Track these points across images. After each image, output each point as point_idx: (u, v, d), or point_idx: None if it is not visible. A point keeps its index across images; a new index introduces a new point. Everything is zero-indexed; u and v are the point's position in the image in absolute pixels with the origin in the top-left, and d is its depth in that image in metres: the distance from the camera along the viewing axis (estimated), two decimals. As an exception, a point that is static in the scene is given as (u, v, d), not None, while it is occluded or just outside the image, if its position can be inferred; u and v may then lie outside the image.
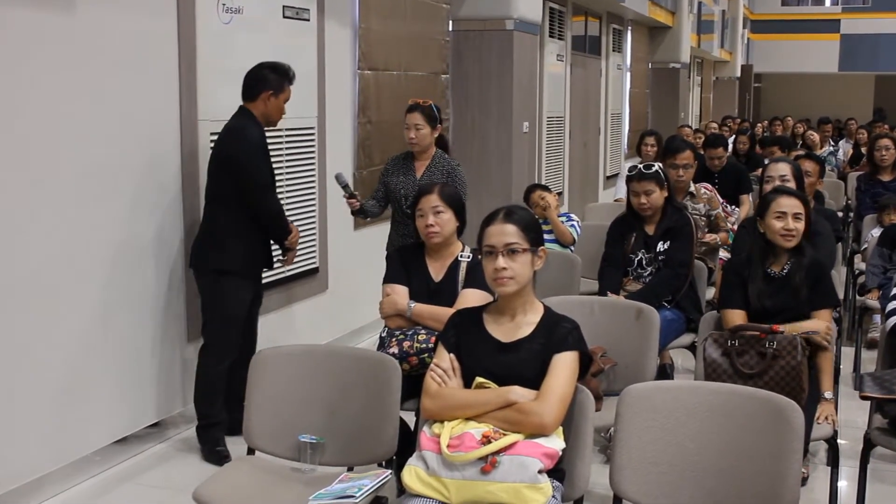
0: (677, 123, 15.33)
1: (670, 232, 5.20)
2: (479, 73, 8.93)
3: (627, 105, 15.43)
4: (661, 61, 17.30)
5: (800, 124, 17.43)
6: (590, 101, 13.06)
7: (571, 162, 12.17)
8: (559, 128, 11.55)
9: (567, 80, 11.86)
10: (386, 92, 7.41)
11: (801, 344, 3.89)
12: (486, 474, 2.87)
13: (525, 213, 3.25)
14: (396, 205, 5.44)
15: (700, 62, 22.23)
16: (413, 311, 4.11)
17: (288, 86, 4.94)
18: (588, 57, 12.85)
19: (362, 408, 3.47)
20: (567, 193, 12.02)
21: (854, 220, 8.66)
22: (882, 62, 25.90)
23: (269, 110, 4.88)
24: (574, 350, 3.10)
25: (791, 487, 2.98)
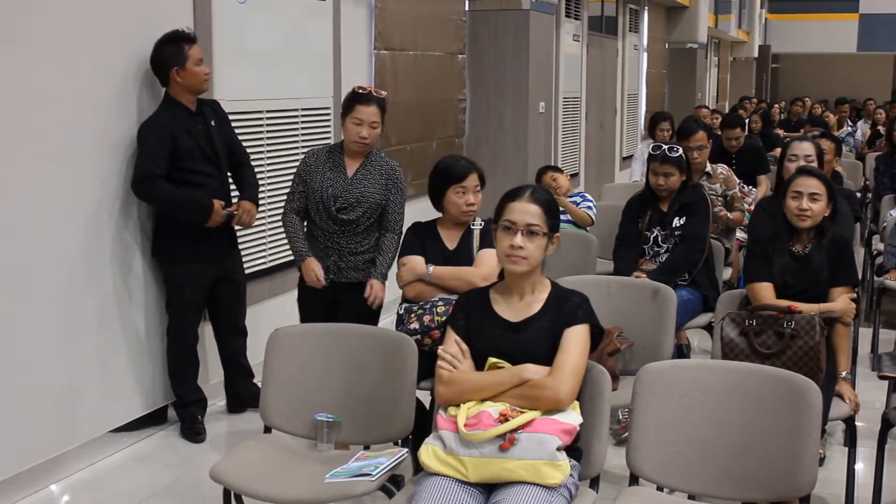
0: (694, 104, 15.25)
1: (685, 208, 5.19)
2: (495, 53, 8.90)
3: (644, 86, 15.35)
4: (678, 42, 17.21)
5: (818, 105, 17.35)
6: (606, 82, 13.01)
7: (587, 142, 12.13)
8: (575, 108, 11.51)
9: (583, 61, 11.81)
10: (402, 72, 7.39)
11: (819, 324, 3.87)
12: (505, 452, 2.87)
13: (549, 197, 3.23)
14: (320, 207, 4.51)
15: (717, 42, 22.08)
16: (433, 273, 4.14)
17: (188, 47, 4.70)
18: (604, 37, 12.79)
19: (378, 386, 3.49)
20: (583, 174, 11.98)
21: (872, 201, 8.60)
22: (901, 42, 25.76)
23: (186, 82, 4.72)
24: (584, 323, 3.10)
25: (809, 467, 2.98)
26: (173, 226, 4.80)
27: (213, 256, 4.95)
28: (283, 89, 5.82)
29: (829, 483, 4.20)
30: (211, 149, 4.83)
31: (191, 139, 4.72)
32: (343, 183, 4.49)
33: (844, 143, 11.28)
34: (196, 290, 4.93)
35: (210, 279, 4.97)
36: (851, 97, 18.03)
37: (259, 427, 3.63)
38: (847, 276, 4.19)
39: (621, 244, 5.33)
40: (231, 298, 5.16)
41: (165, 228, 4.84)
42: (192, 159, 4.73)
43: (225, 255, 5.04)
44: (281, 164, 5.78)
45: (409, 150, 7.51)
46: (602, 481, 3.26)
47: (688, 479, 3.17)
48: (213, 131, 4.85)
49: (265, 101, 5.60)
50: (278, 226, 5.20)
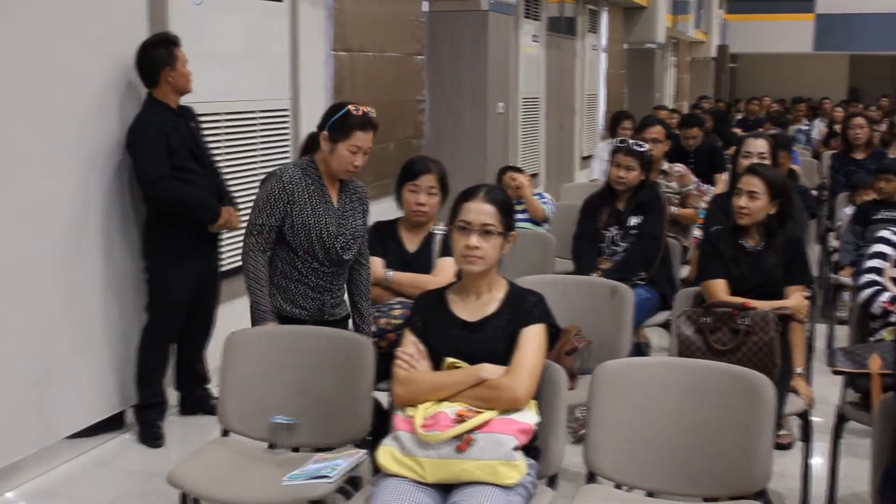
0: (653, 104, 15.32)
1: (641, 206, 5.24)
2: (453, 53, 8.90)
3: (603, 86, 15.42)
4: (637, 42, 17.28)
5: (776, 104, 17.50)
6: (565, 82, 13.04)
7: (547, 143, 12.17)
8: (535, 109, 11.54)
9: (543, 61, 11.84)
10: (361, 73, 7.38)
11: (773, 320, 3.91)
12: (462, 452, 2.87)
13: (504, 196, 3.24)
14: (314, 246, 3.85)
15: (676, 43, 22.22)
16: (392, 278, 4.13)
17: (176, 49, 4.80)
18: (564, 38, 12.82)
19: (336, 388, 3.48)
20: (543, 174, 12.01)
21: (828, 199, 8.70)
22: (856, 42, 25.95)
23: (176, 82, 4.79)
24: (540, 322, 3.11)
25: (762, 461, 3.01)
26: (163, 225, 4.81)
27: (198, 256, 5.00)
28: (240, 91, 5.80)
29: (786, 478, 4.24)
30: (197, 147, 4.90)
31: (180, 137, 4.78)
32: (335, 216, 3.87)
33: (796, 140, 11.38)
34: (185, 289, 4.94)
35: (194, 280, 4.98)
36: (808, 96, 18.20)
37: (217, 431, 3.61)
38: (801, 275, 4.24)
39: (580, 243, 5.36)
40: (209, 301, 5.18)
41: (156, 228, 4.84)
42: (181, 157, 4.78)
43: (208, 255, 5.09)
44: (238, 166, 5.75)
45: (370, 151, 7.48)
46: (561, 479, 3.27)
47: (645, 476, 3.19)
48: (194, 131, 4.94)
49: (222, 104, 5.57)
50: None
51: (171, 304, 4.93)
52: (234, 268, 5.66)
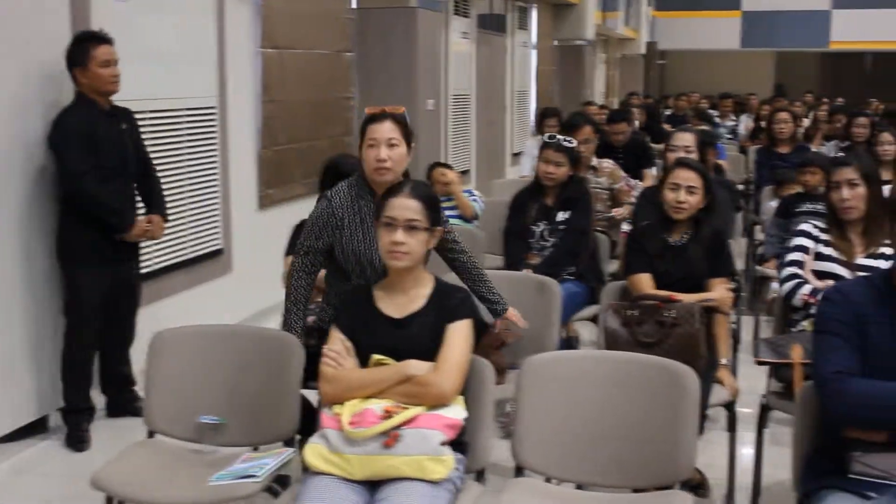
0: (583, 100, 15.43)
1: (569, 202, 5.28)
2: (383, 51, 8.89)
3: (534, 82, 15.49)
4: (567, 39, 17.40)
5: (704, 100, 17.72)
6: (496, 79, 13.09)
7: (478, 139, 12.20)
8: (465, 106, 11.56)
9: (473, 58, 11.86)
10: (290, 71, 7.34)
11: (698, 312, 3.96)
12: (389, 448, 2.87)
13: (429, 191, 3.25)
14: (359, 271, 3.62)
15: (605, 40, 22.40)
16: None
17: (95, 47, 4.65)
18: (494, 35, 12.86)
19: (263, 387, 3.45)
20: (474, 170, 12.04)
21: (754, 192, 8.82)
22: (782, 39, 26.42)
23: (92, 82, 4.66)
24: (467, 318, 3.12)
25: (686, 452, 3.05)
26: (77, 226, 4.71)
27: (114, 260, 4.87)
28: (164, 89, 5.72)
29: (713, 468, 4.29)
30: (122, 150, 4.79)
31: (104, 138, 4.69)
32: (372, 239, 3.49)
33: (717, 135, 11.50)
34: (95, 293, 4.82)
35: (108, 284, 4.87)
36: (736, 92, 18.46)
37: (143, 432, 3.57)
38: (724, 268, 4.30)
39: (509, 238, 5.38)
40: (128, 305, 5.10)
41: (69, 229, 4.74)
42: (104, 159, 4.68)
43: (126, 260, 4.98)
44: (164, 165, 5.68)
45: (298, 148, 7.46)
46: (491, 474, 3.28)
47: (573, 468, 3.21)
48: (123, 134, 4.82)
49: (147, 101, 5.50)
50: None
51: (84, 308, 4.81)
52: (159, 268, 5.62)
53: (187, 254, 5.97)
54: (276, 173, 7.15)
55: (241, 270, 6.62)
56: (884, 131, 7.74)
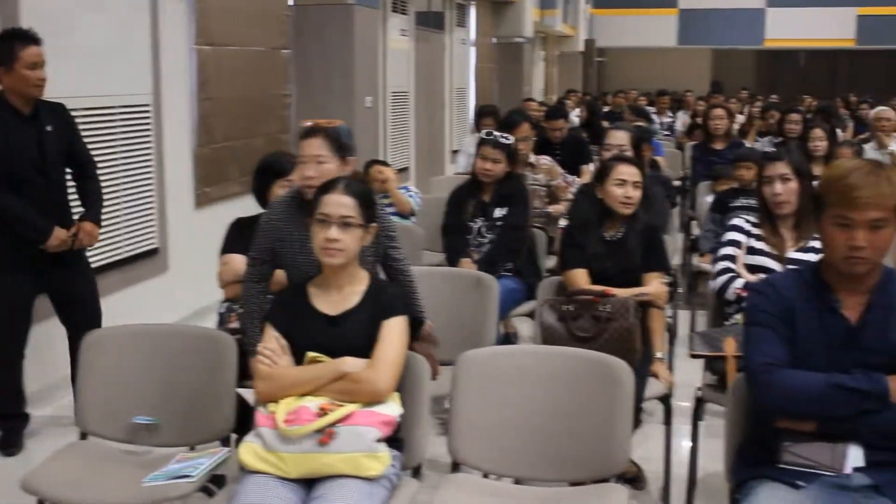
0: (522, 97, 15.49)
1: (506, 198, 5.29)
2: (320, 48, 8.85)
3: (473, 80, 15.52)
4: (506, 36, 17.46)
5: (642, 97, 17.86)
6: (435, 77, 13.10)
7: (417, 136, 12.20)
8: (404, 103, 11.55)
9: (411, 56, 11.86)
10: (226, 68, 7.27)
11: (633, 306, 3.99)
12: (324, 446, 2.86)
13: (363, 188, 3.25)
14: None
15: (544, 37, 22.51)
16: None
17: (22, 48, 4.40)
18: (432, 32, 12.87)
19: (198, 386, 3.43)
20: (413, 168, 12.04)
21: (690, 188, 8.91)
22: (718, 37, 26.73)
23: (13, 84, 4.43)
24: (402, 315, 3.12)
25: (621, 445, 3.08)
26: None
27: (35, 269, 4.63)
28: (97, 86, 5.64)
29: (650, 461, 4.34)
30: (40, 156, 4.53)
31: (18, 143, 4.44)
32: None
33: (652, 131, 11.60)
34: (9, 302, 4.60)
35: (31, 293, 4.68)
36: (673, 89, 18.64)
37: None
38: (659, 262, 4.34)
39: (447, 235, 5.39)
40: (84, 312, 4.84)
41: None
42: (18, 166, 4.45)
43: (55, 268, 4.70)
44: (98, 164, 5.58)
45: (235, 146, 7.40)
46: (430, 470, 3.29)
47: (510, 463, 3.22)
48: (46, 137, 4.55)
49: (79, 99, 5.40)
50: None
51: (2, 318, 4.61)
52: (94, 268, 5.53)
53: (122, 253, 5.90)
54: (213, 171, 7.09)
55: (177, 269, 6.56)
56: (815, 127, 7.85)
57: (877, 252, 2.69)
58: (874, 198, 2.63)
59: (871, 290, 2.78)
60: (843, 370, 2.70)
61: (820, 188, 2.78)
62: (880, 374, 2.68)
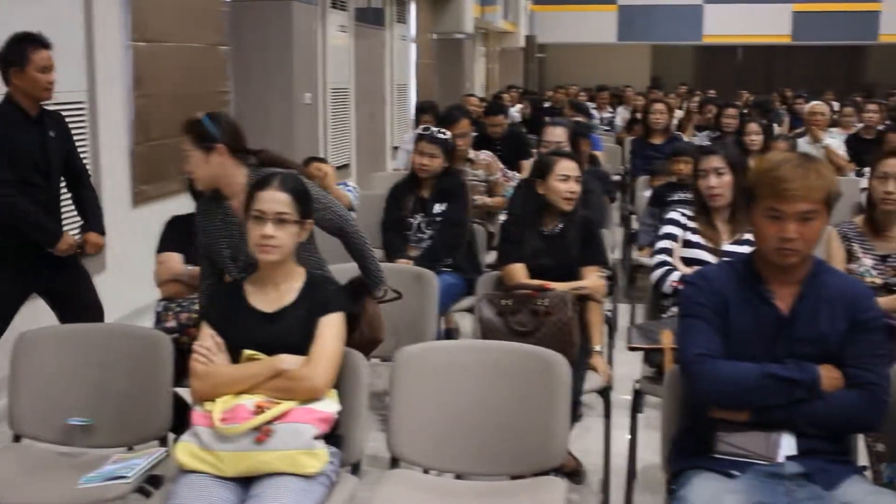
0: (463, 93, 15.51)
1: (445, 193, 5.30)
2: (258, 44, 8.78)
3: (414, 76, 15.50)
4: (446, 32, 17.44)
5: (583, 93, 17.97)
6: (375, 73, 13.05)
7: (358, 133, 12.15)
8: (344, 99, 11.50)
9: (351, 52, 11.81)
10: (162, 65, 7.18)
11: (571, 300, 4.02)
12: (261, 444, 2.85)
13: (298, 184, 3.22)
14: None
15: (485, 33, 22.55)
16: (190, 273, 4.05)
17: (35, 51, 4.47)
18: (372, 28, 12.82)
19: (133, 386, 3.39)
20: (354, 164, 12.00)
21: (630, 183, 8.99)
22: (657, 33, 26.95)
23: (24, 86, 4.47)
24: (339, 311, 3.11)
25: (559, 438, 3.09)
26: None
27: (35, 270, 4.58)
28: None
29: (590, 454, 4.38)
30: (44, 159, 4.53)
31: (25, 145, 4.44)
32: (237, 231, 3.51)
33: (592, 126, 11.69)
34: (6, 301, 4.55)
35: (21, 296, 4.62)
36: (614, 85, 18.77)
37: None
38: (596, 256, 4.37)
39: (386, 231, 5.38)
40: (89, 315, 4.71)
41: None
42: (22, 167, 4.44)
43: (57, 270, 4.65)
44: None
45: (172, 144, 7.31)
46: (371, 466, 3.28)
47: (448, 458, 3.23)
48: (49, 142, 4.57)
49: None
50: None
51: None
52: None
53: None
54: (151, 169, 7.00)
55: (115, 268, 6.47)
56: (751, 122, 7.96)
57: (807, 244, 2.74)
58: (803, 190, 2.67)
59: (802, 280, 2.82)
60: (776, 360, 2.75)
61: (751, 181, 2.81)
62: (811, 364, 2.74)
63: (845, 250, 4.30)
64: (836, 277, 2.89)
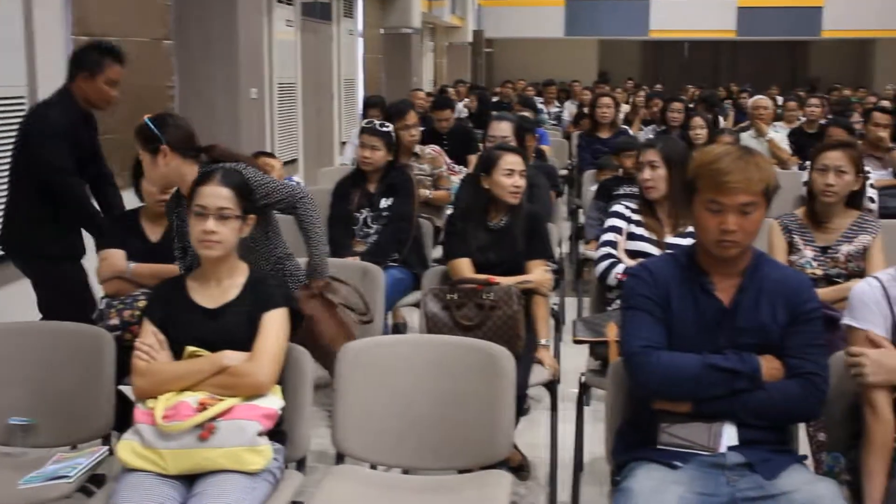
0: (411, 88, 15.49)
1: (391, 188, 5.29)
2: (203, 38, 8.68)
3: (361, 71, 15.45)
4: (393, 27, 17.40)
5: (530, 88, 18.02)
6: (322, 68, 12.99)
7: (305, 128, 12.10)
8: (291, 94, 11.45)
9: (298, 46, 11.75)
10: (106, 59, 7.10)
11: (516, 294, 4.03)
12: (204, 441, 2.83)
13: (241, 179, 3.20)
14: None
15: (433, 28, 22.54)
16: (132, 270, 4.00)
17: (110, 65, 4.57)
18: (319, 22, 12.77)
19: (76, 384, 3.35)
20: (302, 160, 11.94)
21: (577, 177, 9.02)
22: (604, 27, 27.10)
23: (87, 92, 4.56)
24: (282, 307, 3.09)
25: (504, 431, 3.10)
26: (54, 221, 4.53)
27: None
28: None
29: (538, 447, 4.39)
30: (90, 155, 4.68)
31: (82, 141, 4.55)
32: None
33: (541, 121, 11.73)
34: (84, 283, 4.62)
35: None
36: (562, 79, 18.85)
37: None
38: (542, 250, 4.37)
39: (333, 226, 5.35)
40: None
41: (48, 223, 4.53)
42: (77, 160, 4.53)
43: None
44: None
45: (116, 139, 7.22)
46: (318, 462, 3.27)
47: (394, 453, 3.23)
48: (94, 141, 4.74)
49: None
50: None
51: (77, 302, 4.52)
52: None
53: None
54: (94, 165, 6.92)
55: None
56: (696, 116, 8.03)
57: (747, 235, 2.77)
58: (743, 182, 2.70)
59: (742, 272, 2.85)
60: (717, 351, 2.78)
61: (691, 174, 2.83)
62: (751, 354, 2.77)
63: (787, 242, 4.35)
64: (776, 269, 2.92)
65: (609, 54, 29.88)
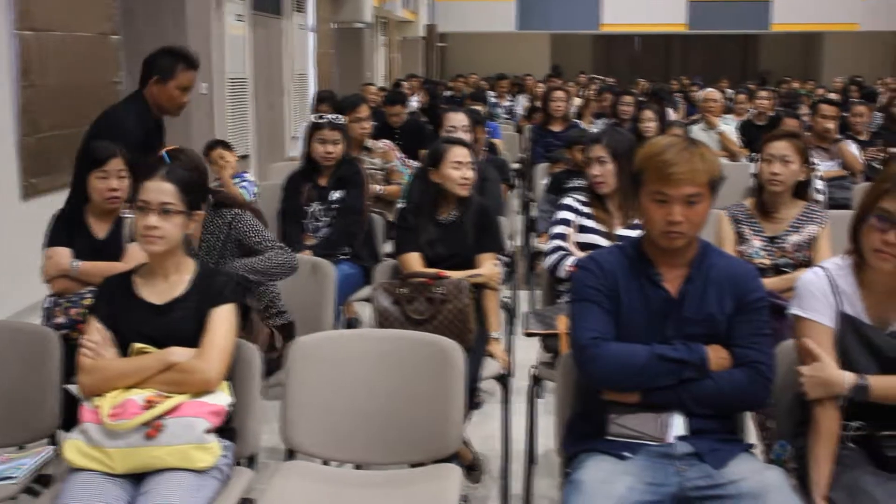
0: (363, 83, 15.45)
1: (342, 181, 5.26)
2: (151, 33, 8.58)
3: (313, 66, 15.38)
4: (345, 21, 17.34)
5: (483, 82, 18.05)
6: (273, 63, 12.92)
7: (257, 123, 12.02)
8: (242, 89, 11.37)
9: (248, 41, 11.66)
10: (50, 54, 7.00)
11: (467, 287, 4.02)
12: (152, 439, 2.80)
13: (185, 174, 3.16)
14: None
15: (385, 22, 22.49)
16: (79, 269, 3.95)
17: (184, 71, 4.59)
18: (270, 17, 12.69)
19: (21, 383, 3.29)
20: (254, 155, 11.87)
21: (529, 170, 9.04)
22: (556, 21, 27.20)
23: (158, 97, 4.57)
24: (231, 302, 3.06)
25: (455, 425, 3.10)
26: None
27: None
28: None
29: (491, 440, 4.39)
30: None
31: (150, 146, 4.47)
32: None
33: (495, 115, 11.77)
34: None
35: None
36: (515, 73, 18.89)
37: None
38: (492, 243, 4.37)
39: (284, 220, 5.33)
40: None
41: None
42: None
43: None
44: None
45: (62, 135, 7.15)
46: (271, 459, 3.25)
47: (344, 449, 3.21)
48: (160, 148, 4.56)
49: None
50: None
51: None
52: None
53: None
54: (40, 162, 6.83)
55: (2, 264, 6.30)
56: (646, 109, 8.07)
57: (693, 226, 2.78)
58: (688, 174, 2.72)
59: (689, 263, 2.87)
60: (665, 341, 2.80)
61: (638, 166, 2.84)
62: (699, 344, 2.79)
63: (735, 233, 4.38)
64: (722, 259, 2.94)
65: (561, 48, 29.99)
